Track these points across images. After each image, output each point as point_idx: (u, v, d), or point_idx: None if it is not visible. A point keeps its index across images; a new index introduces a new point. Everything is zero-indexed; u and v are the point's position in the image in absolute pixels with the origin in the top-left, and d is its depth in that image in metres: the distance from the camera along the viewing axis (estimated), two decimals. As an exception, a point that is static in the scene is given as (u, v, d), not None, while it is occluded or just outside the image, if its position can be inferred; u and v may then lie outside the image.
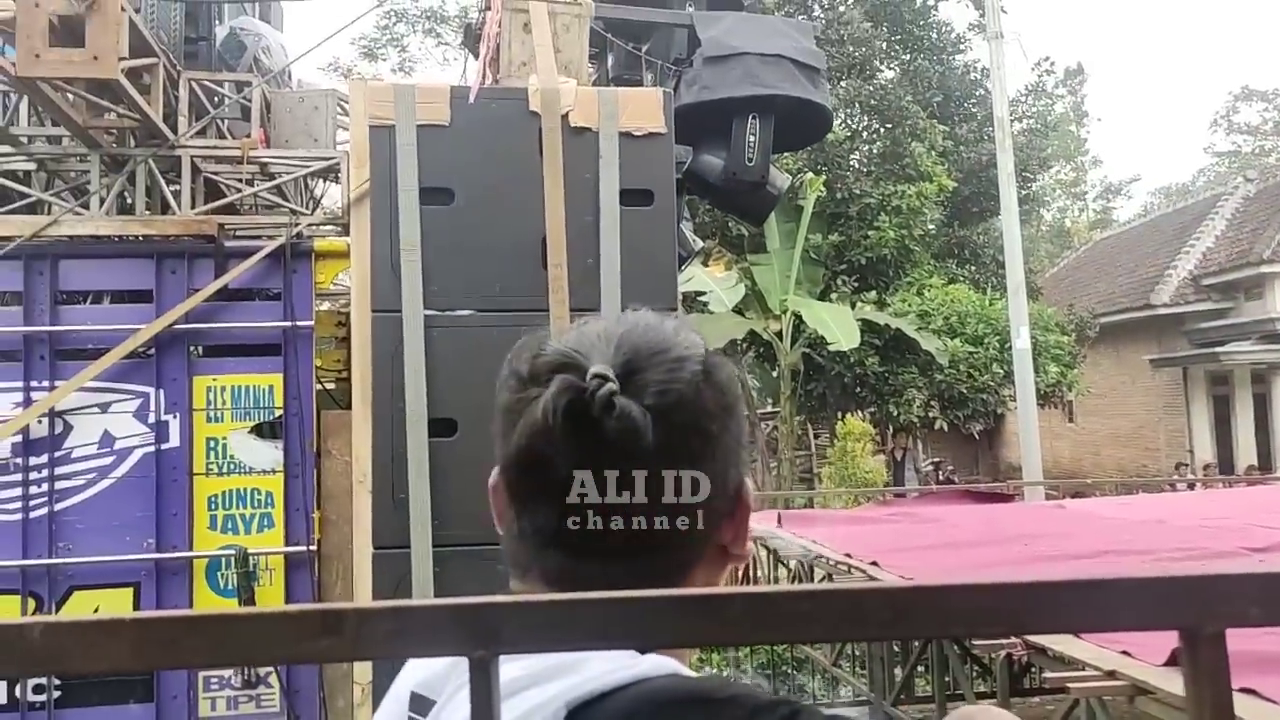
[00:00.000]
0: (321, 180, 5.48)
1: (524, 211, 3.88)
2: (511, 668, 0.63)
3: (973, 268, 18.30)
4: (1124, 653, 3.36)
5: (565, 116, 3.95)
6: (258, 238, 4.69)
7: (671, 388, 0.81)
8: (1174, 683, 3.01)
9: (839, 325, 13.96)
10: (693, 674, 0.77)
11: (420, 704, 0.82)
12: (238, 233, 4.77)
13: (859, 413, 16.40)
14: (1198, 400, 20.20)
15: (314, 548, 4.40)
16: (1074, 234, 40.93)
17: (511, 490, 0.83)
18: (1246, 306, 19.37)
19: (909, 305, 15.86)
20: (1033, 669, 3.73)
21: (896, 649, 5.74)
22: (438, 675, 0.82)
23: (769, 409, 17.94)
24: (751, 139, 4.48)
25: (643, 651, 0.76)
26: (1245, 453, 18.80)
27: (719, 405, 0.84)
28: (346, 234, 4.40)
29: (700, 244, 5.60)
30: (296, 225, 4.62)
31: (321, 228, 4.84)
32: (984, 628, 0.86)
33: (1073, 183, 44.42)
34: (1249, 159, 39.89)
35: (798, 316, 14.71)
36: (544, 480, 0.80)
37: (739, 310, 15.21)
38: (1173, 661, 3.16)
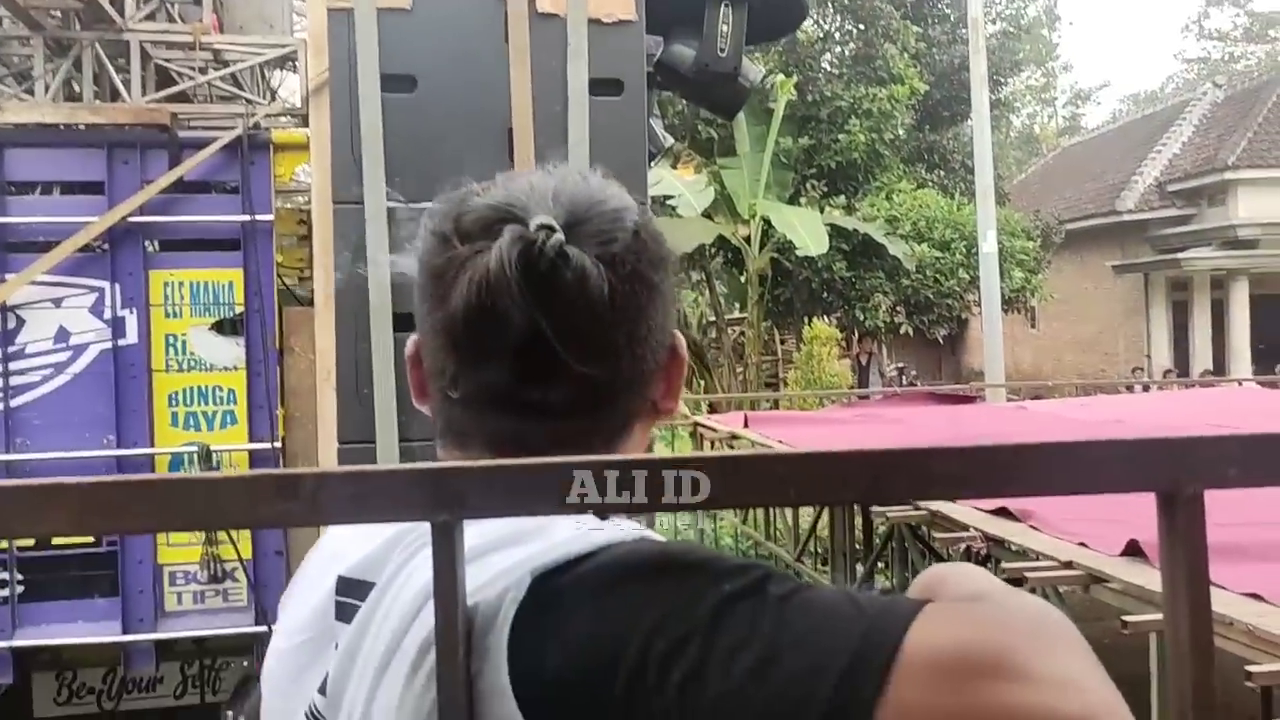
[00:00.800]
0: (278, 70, 5.31)
1: (490, 101, 3.78)
2: (468, 534, 0.60)
3: (942, 173, 18.27)
4: (1081, 544, 3.42)
5: (532, 2, 3.83)
6: (213, 129, 4.54)
7: (616, 236, 0.79)
8: (1128, 572, 3.08)
9: (807, 230, 13.92)
10: (661, 538, 0.75)
11: (354, 588, 0.79)
12: (191, 123, 4.62)
13: (826, 318, 16.47)
14: (1157, 306, 20.46)
15: (279, 445, 4.37)
16: (1043, 140, 40.89)
17: (455, 352, 0.80)
18: (1209, 213, 19.51)
19: (878, 210, 15.82)
20: (992, 561, 3.80)
21: (859, 546, 5.84)
22: (372, 557, 0.78)
23: (736, 314, 17.97)
24: (724, 28, 4.36)
25: (604, 516, 0.74)
26: (1201, 358, 19.13)
27: (658, 255, 0.83)
28: (305, 126, 4.27)
29: (670, 140, 5.52)
30: (253, 115, 4.48)
31: (280, 119, 4.71)
32: (963, 490, 0.84)
33: (1043, 88, 44.17)
34: (1218, 65, 39.76)
35: (766, 221, 14.64)
36: (495, 338, 0.77)
37: (708, 215, 15.11)
38: (1128, 552, 3.22)
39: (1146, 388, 13.89)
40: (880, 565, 5.74)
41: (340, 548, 0.82)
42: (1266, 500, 4.00)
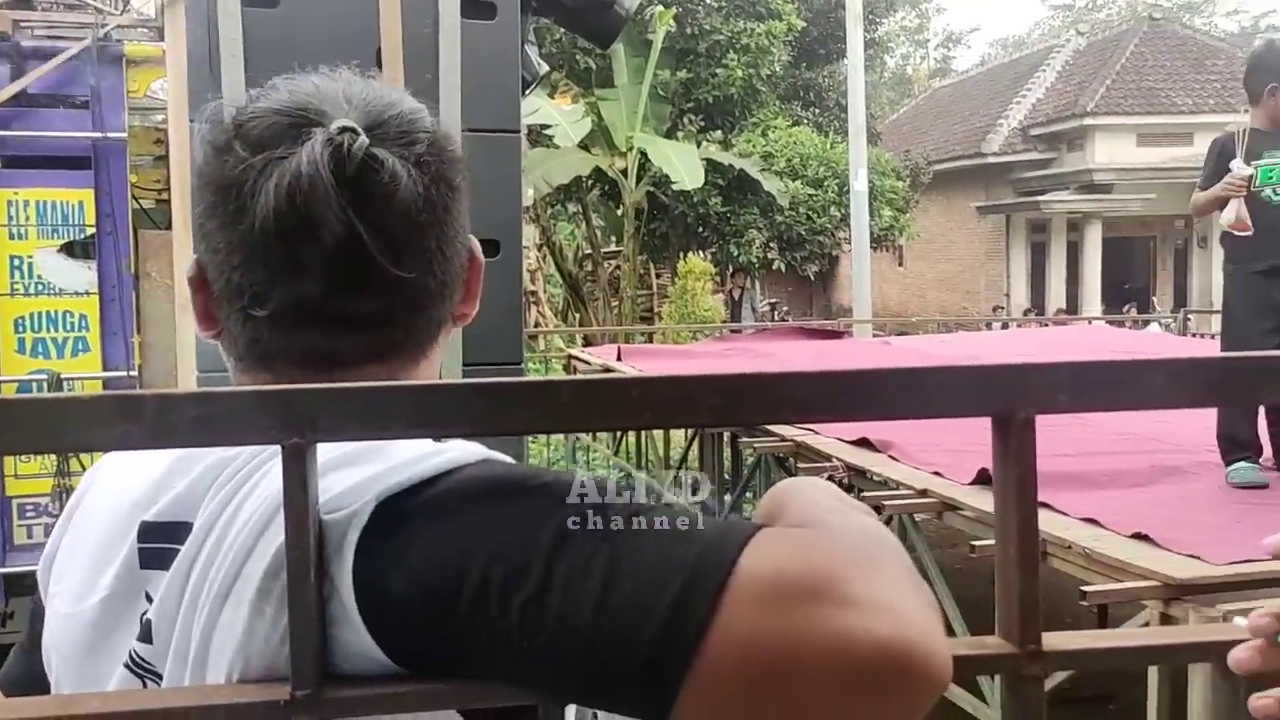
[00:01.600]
0: (131, -22, 5.02)
1: (357, 19, 3.64)
2: None
3: (817, 111, 18.47)
4: (935, 473, 3.58)
5: (401, -82, 3.68)
6: (60, 39, 4.28)
7: (418, 138, 0.77)
8: (979, 499, 3.23)
9: (684, 164, 13.93)
10: (505, 459, 0.75)
11: (165, 532, 0.74)
12: (35, 31, 4.34)
13: (700, 253, 16.58)
14: (1017, 247, 21.24)
15: (134, 373, 4.21)
16: (915, 81, 41.64)
17: (262, 267, 0.74)
18: (1068, 158, 20.25)
19: (754, 146, 15.92)
20: (853, 490, 3.94)
21: (728, 476, 5.97)
22: (182, 497, 0.74)
23: (612, 247, 17.95)
24: (599, -46, 4.29)
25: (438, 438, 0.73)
26: (1056, 297, 19.98)
27: (454, 156, 0.81)
28: (161, 40, 4.06)
29: (546, 68, 5.42)
30: (104, 26, 4.23)
31: (133, 31, 4.45)
32: (810, 413, 0.86)
33: (916, 29, 44.88)
34: (1082, 13, 41.01)
35: (643, 154, 14.59)
36: (309, 247, 0.72)
37: (584, 146, 14.97)
38: (979, 480, 3.38)
39: (1005, 325, 14.45)
40: (749, 495, 5.89)
41: (133, 496, 0.78)
42: (1109, 431, 4.24)
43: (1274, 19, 42.20)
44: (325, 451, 0.66)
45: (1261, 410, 3.50)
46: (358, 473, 0.68)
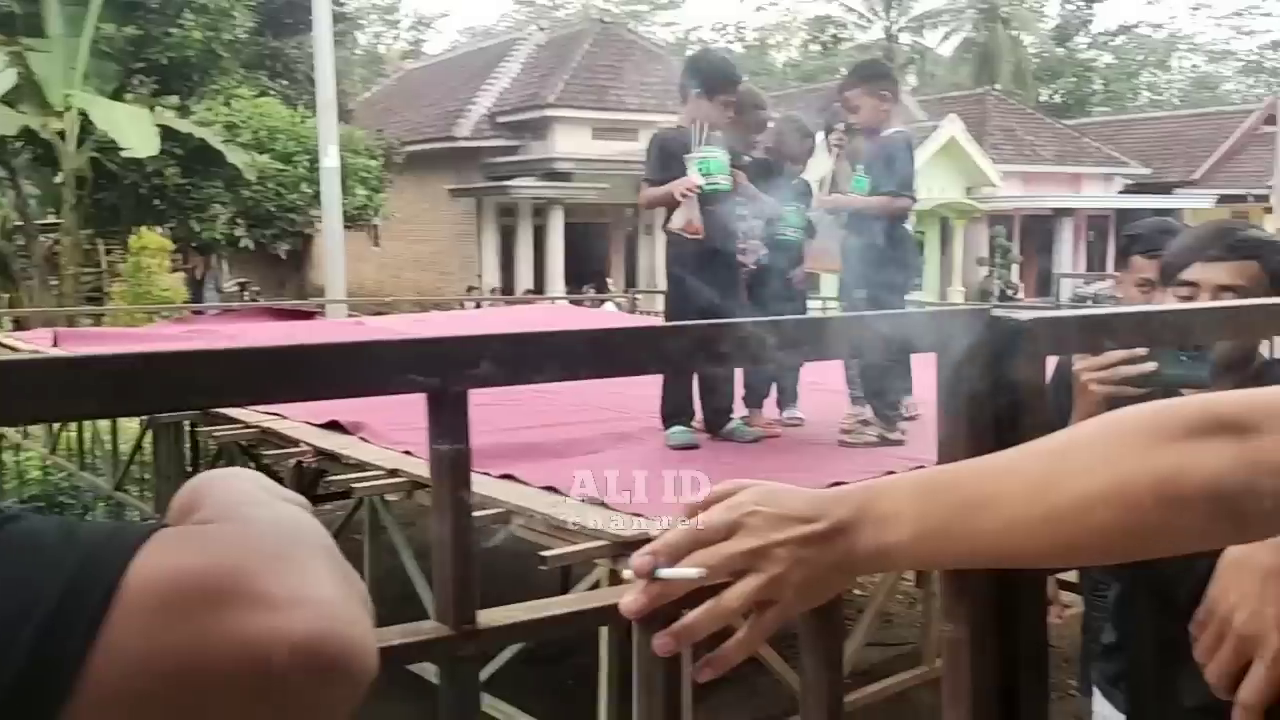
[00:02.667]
0: None
1: None
2: None
3: (285, 83, 17.77)
4: (406, 452, 3.58)
5: None
6: None
7: None
8: (449, 476, 3.28)
9: (135, 129, 12.68)
10: None
11: None
12: None
13: (158, 227, 15.23)
14: (488, 229, 22.09)
15: None
16: (388, 61, 41.56)
17: None
18: (533, 146, 21.41)
19: (216, 115, 14.92)
20: (323, 476, 3.83)
21: (189, 469, 5.54)
22: None
23: (49, 220, 15.92)
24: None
25: None
26: (525, 278, 21.09)
27: None
28: None
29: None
30: None
31: None
32: (229, 397, 0.78)
33: (388, 9, 44.87)
34: (544, 9, 43.53)
35: (85, 115, 13.07)
36: None
37: (9, 102, 13.08)
38: (449, 457, 3.44)
39: (479, 304, 14.95)
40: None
41: None
42: (568, 403, 4.52)
43: (702, 33, 47.84)
44: None
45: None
46: None
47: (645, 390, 3.96)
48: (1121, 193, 26.74)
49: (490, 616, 0.80)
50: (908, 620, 5.42)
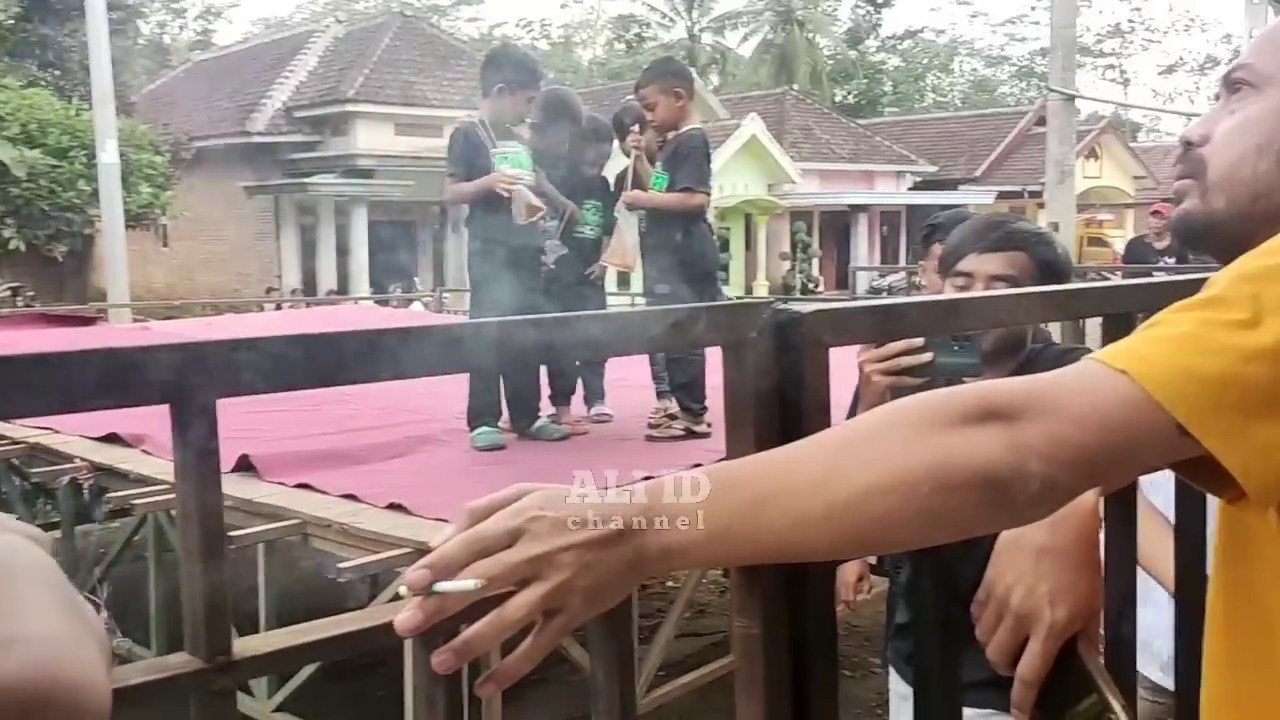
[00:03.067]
0: None
1: None
2: None
3: (57, 73, 16.66)
4: (195, 464, 3.38)
5: None
6: None
7: None
8: (237, 487, 3.11)
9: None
10: None
11: None
12: None
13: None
14: (288, 228, 21.28)
15: None
16: (174, 52, 39.44)
17: None
18: (333, 141, 20.75)
19: (-23, 106, 13.83)
20: (103, 493, 3.57)
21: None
22: None
23: None
24: None
25: None
26: (328, 278, 20.42)
27: None
28: None
29: None
30: None
31: None
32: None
33: (173, -2, 42.55)
34: (341, 2, 42.23)
35: None
36: None
37: None
38: (239, 467, 3.26)
39: (279, 306, 14.37)
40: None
41: None
42: (373, 406, 4.37)
43: (506, 29, 47.53)
44: None
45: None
46: None
47: (453, 390, 3.88)
48: (911, 189, 28.18)
49: (248, 645, 0.74)
50: (720, 608, 5.52)
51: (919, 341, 1.41)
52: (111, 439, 3.70)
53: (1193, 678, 0.99)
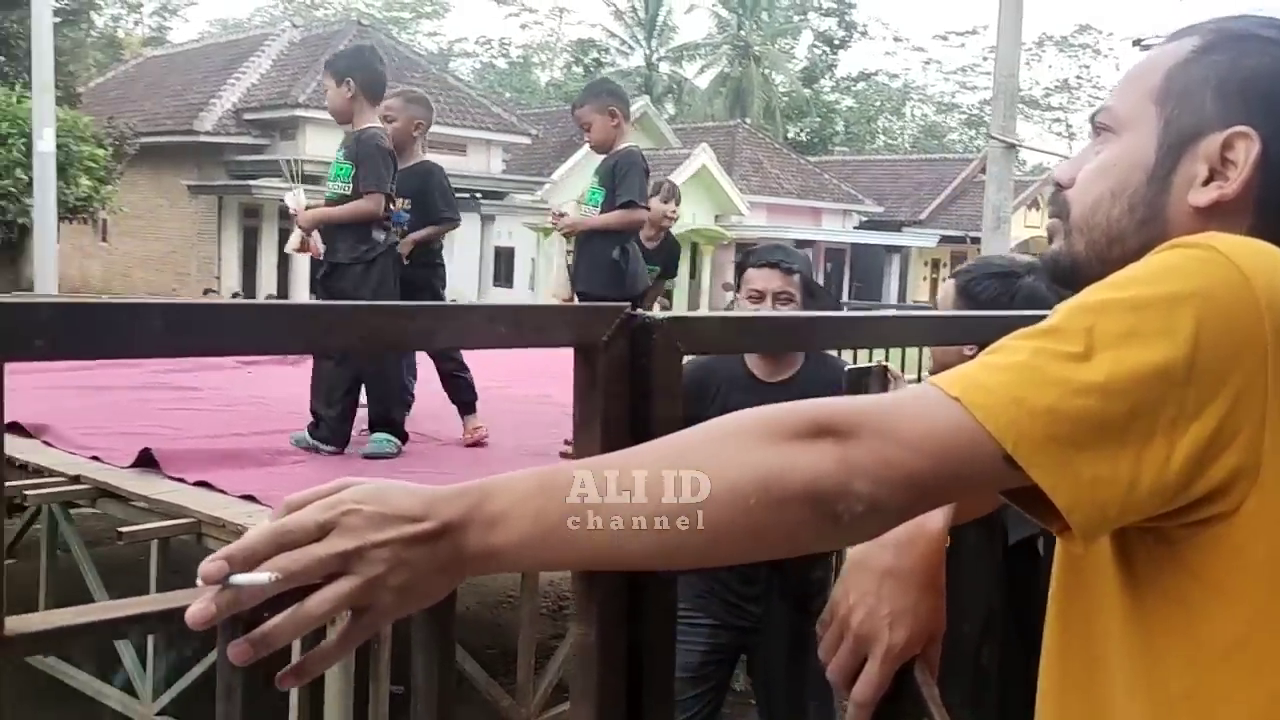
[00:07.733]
0: None
1: None
2: None
3: (3, 59, 16.30)
4: (94, 457, 3.30)
5: None
6: None
7: None
8: (139, 483, 3.04)
9: None
10: None
11: None
12: None
13: None
14: (230, 230, 20.99)
15: None
16: (127, 47, 38.87)
17: None
18: (281, 145, 20.52)
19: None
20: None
21: None
22: None
23: None
24: None
25: None
26: (268, 281, 20.15)
27: None
28: None
29: None
30: None
31: None
32: None
33: (132, -8, 41.99)
34: (302, 7, 41.96)
35: None
36: None
37: None
38: (140, 462, 3.19)
39: (214, 308, 14.11)
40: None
41: None
42: (286, 410, 4.30)
43: (466, 45, 47.52)
44: None
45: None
46: None
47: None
48: (857, 228, 28.52)
49: (24, 622, 0.71)
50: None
51: None
52: (13, 429, 3.59)
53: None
